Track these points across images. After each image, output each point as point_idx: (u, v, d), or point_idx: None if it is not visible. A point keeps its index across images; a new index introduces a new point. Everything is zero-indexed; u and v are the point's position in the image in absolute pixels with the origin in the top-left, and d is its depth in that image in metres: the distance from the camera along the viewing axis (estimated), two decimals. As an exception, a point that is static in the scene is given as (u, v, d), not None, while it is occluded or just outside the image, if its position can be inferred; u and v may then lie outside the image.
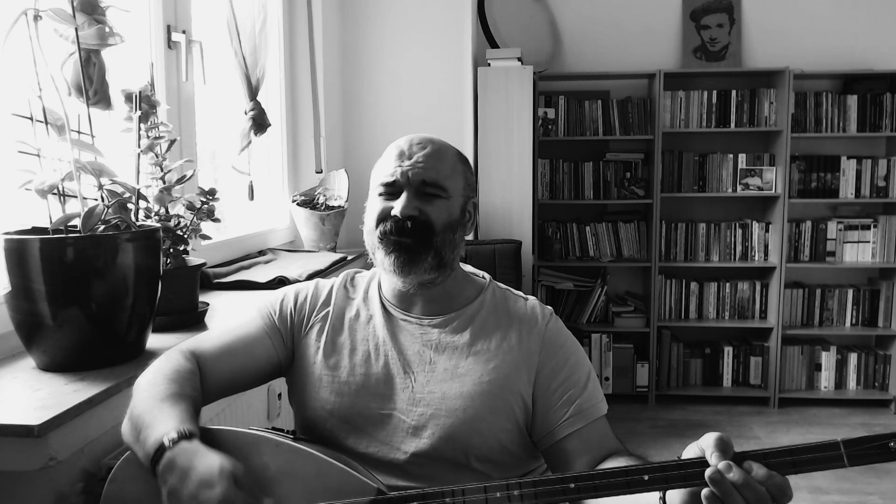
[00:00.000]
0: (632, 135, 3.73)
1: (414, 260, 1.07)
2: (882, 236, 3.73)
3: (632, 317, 3.84)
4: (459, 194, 1.12)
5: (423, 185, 1.08)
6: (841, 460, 0.75)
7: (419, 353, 1.11)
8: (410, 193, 1.08)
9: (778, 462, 0.77)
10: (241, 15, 2.16)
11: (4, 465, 1.00)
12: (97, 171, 1.19)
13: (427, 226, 1.08)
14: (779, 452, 0.77)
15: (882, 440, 0.74)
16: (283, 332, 1.17)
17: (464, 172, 1.14)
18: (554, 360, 1.10)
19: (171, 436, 0.86)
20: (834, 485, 2.87)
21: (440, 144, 1.13)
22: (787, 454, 0.77)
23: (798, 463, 0.77)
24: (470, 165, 1.18)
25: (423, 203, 1.08)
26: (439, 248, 1.08)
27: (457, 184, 1.12)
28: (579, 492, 0.81)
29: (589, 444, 1.05)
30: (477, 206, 1.19)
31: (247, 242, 2.44)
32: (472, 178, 1.18)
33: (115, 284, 1.15)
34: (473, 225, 1.17)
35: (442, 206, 1.09)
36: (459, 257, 1.16)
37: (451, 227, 1.10)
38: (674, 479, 0.80)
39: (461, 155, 1.17)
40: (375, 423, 1.09)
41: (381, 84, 3.18)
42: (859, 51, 3.74)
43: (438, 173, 1.09)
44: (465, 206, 1.14)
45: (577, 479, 0.82)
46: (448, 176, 1.10)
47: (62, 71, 1.19)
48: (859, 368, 3.78)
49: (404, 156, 1.10)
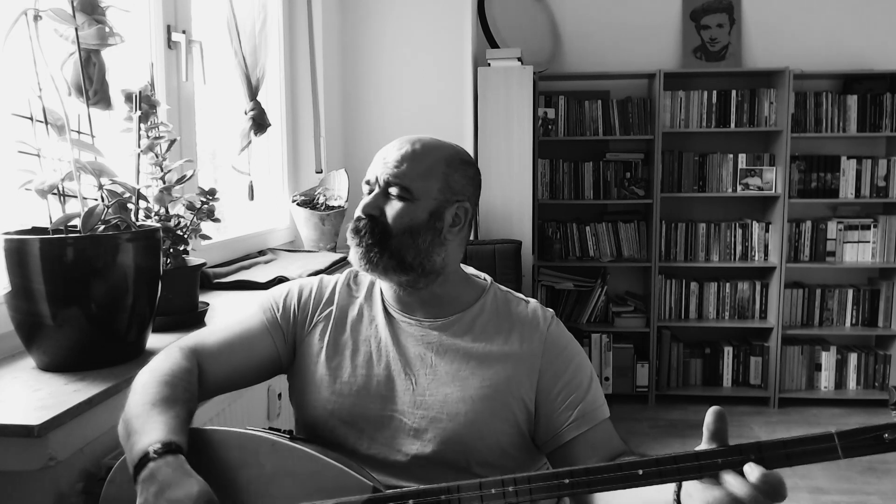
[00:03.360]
0: (632, 135, 3.73)
1: (371, 259, 1.07)
2: (882, 236, 3.73)
3: (632, 317, 3.84)
4: (432, 197, 1.07)
5: (388, 186, 1.08)
6: (835, 452, 0.75)
7: (420, 355, 1.11)
8: (378, 193, 1.09)
9: (772, 454, 0.77)
10: (241, 15, 2.16)
11: (4, 465, 1.00)
12: (97, 171, 1.19)
13: (382, 227, 1.07)
14: (773, 445, 0.77)
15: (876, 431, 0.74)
16: (285, 328, 1.16)
17: (445, 175, 1.09)
18: (556, 363, 1.09)
19: (156, 447, 0.86)
20: (834, 485, 2.87)
21: (426, 146, 1.09)
22: (782, 446, 0.77)
23: (792, 455, 0.76)
24: (466, 169, 1.12)
25: (385, 203, 1.08)
26: (396, 250, 1.06)
27: (430, 186, 1.07)
28: (573, 487, 0.81)
29: (595, 447, 1.05)
30: (468, 212, 1.13)
31: (247, 242, 2.44)
32: (464, 182, 1.11)
33: (115, 284, 1.15)
34: (462, 231, 1.13)
35: (403, 209, 1.06)
36: (452, 262, 1.12)
37: (411, 230, 1.06)
38: (668, 474, 0.79)
39: (454, 159, 1.11)
40: (376, 425, 1.09)
41: (381, 84, 3.18)
42: (859, 51, 3.74)
43: (405, 175, 1.06)
44: (438, 211, 1.08)
45: (571, 475, 0.81)
46: (417, 178, 1.07)
47: (62, 71, 1.19)
48: (859, 368, 3.78)
49: (383, 156, 1.10)
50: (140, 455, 0.86)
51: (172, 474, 0.84)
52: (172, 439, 0.88)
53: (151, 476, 0.84)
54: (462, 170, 1.12)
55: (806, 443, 0.76)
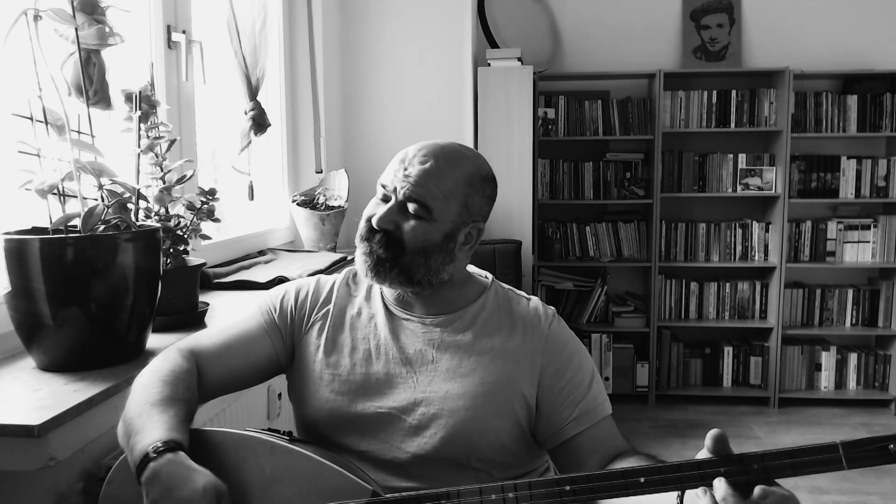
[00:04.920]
0: (632, 135, 3.73)
1: (380, 270, 1.07)
2: (882, 236, 3.73)
3: (632, 317, 3.84)
4: (449, 220, 1.07)
5: (408, 202, 1.06)
6: (839, 463, 0.74)
7: (421, 351, 1.11)
8: (394, 206, 1.07)
9: (776, 464, 0.77)
10: (241, 15, 2.16)
11: (4, 465, 1.00)
12: (97, 171, 1.19)
13: (398, 243, 1.06)
14: (777, 454, 0.77)
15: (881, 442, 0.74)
16: (283, 329, 1.16)
17: (465, 196, 1.08)
18: (557, 360, 1.10)
19: (156, 446, 0.86)
20: (834, 485, 2.87)
21: (449, 162, 1.07)
22: (786, 456, 0.77)
23: (796, 465, 0.76)
24: (485, 188, 1.12)
25: (403, 219, 1.06)
26: (407, 267, 1.06)
27: (449, 208, 1.07)
28: (575, 494, 0.81)
29: (597, 444, 1.06)
30: (480, 231, 1.13)
31: (247, 242, 2.44)
32: (481, 203, 1.11)
33: (115, 284, 1.15)
34: (472, 249, 1.14)
35: (420, 228, 1.06)
36: (458, 273, 1.14)
37: (424, 251, 1.06)
38: (671, 482, 0.79)
39: (475, 178, 1.10)
40: (376, 423, 1.09)
41: (381, 84, 3.18)
42: (859, 51, 3.74)
43: (428, 193, 1.05)
44: (453, 233, 1.08)
45: (572, 482, 0.81)
46: (439, 198, 1.05)
47: (62, 71, 1.19)
48: (859, 368, 3.78)
49: (404, 165, 1.07)
50: (141, 455, 0.86)
51: (176, 472, 0.83)
52: (172, 437, 0.87)
53: (154, 476, 0.84)
54: (482, 190, 1.11)
55: (810, 453, 0.76)
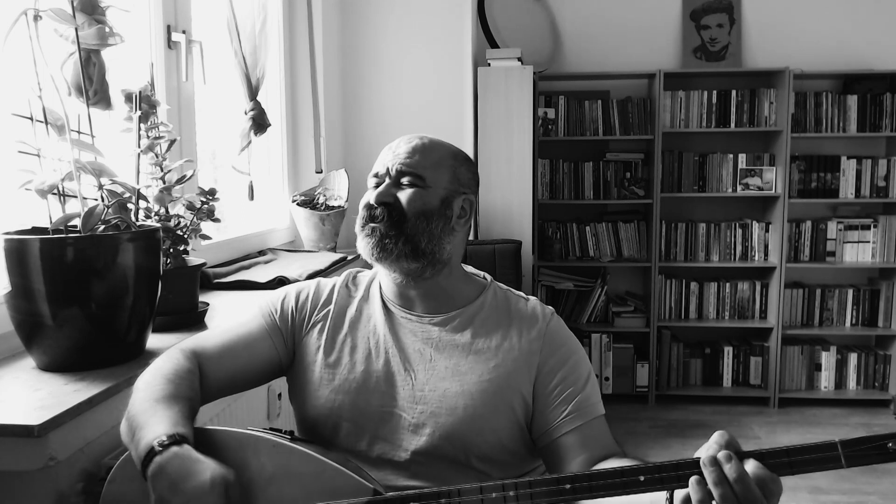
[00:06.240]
0: (632, 135, 3.73)
1: (386, 246, 1.08)
2: (882, 236, 3.73)
3: (632, 317, 3.84)
4: (442, 186, 1.11)
5: (400, 175, 1.10)
6: (838, 461, 0.75)
7: (420, 350, 1.11)
8: (389, 182, 1.11)
9: (775, 462, 0.77)
10: (241, 15, 2.16)
11: (4, 465, 1.00)
12: (97, 171, 1.19)
13: (398, 211, 1.09)
14: (776, 453, 0.77)
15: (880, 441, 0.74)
16: (284, 331, 1.17)
17: (453, 167, 1.14)
18: (554, 358, 1.10)
19: (161, 440, 0.86)
20: (834, 485, 2.87)
21: (431, 142, 1.14)
22: (785, 455, 0.77)
23: (795, 464, 0.77)
24: (469, 165, 1.18)
25: (398, 190, 1.10)
26: (411, 234, 1.08)
27: (440, 176, 1.12)
28: (575, 492, 0.81)
29: (586, 443, 1.06)
30: (472, 205, 1.17)
31: (247, 242, 2.44)
32: (469, 176, 1.16)
33: (115, 284, 1.15)
34: (467, 223, 1.17)
35: (416, 195, 1.09)
36: (456, 255, 1.15)
37: (425, 215, 1.09)
38: (669, 480, 0.79)
39: (459, 154, 1.17)
40: (376, 421, 1.09)
41: (381, 84, 3.18)
42: (859, 51, 3.74)
43: (418, 164, 1.10)
44: (448, 199, 1.12)
45: (572, 480, 0.82)
46: (428, 167, 1.11)
47: (62, 71, 1.19)
48: (859, 368, 3.78)
49: (392, 150, 1.13)
50: (146, 450, 0.86)
51: (182, 465, 0.83)
52: (177, 431, 0.88)
53: (160, 470, 0.83)
54: (466, 165, 1.17)
55: (809, 451, 0.76)
